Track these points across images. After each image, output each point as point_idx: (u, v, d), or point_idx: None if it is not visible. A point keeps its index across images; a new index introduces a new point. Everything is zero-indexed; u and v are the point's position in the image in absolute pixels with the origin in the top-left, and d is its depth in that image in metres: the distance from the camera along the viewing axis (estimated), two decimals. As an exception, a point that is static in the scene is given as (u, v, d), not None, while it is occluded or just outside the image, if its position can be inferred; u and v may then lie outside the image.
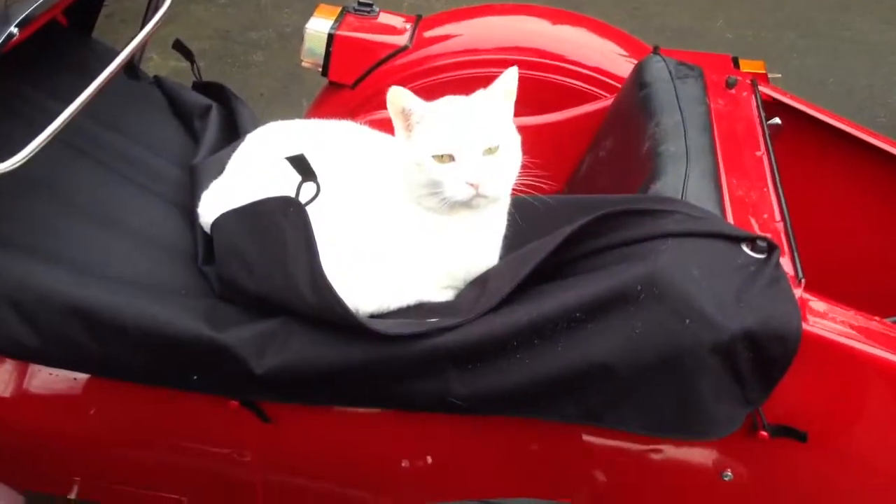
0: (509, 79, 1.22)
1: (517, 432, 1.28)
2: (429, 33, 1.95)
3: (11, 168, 1.20)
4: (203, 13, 4.11)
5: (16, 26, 1.31)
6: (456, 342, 1.17)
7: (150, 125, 1.60)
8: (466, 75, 1.85)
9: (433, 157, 1.17)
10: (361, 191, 1.26)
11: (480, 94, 1.23)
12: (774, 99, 1.63)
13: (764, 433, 1.20)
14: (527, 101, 1.80)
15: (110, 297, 1.22)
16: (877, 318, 1.18)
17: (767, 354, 1.12)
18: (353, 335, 1.18)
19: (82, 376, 1.35)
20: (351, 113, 1.85)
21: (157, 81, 1.77)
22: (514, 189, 1.25)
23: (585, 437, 1.27)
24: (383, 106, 1.65)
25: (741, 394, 1.15)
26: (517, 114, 1.27)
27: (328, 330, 1.19)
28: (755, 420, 1.20)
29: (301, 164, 1.17)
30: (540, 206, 1.26)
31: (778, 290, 1.14)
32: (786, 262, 1.21)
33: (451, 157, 1.17)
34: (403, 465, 1.36)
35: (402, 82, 1.87)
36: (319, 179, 1.18)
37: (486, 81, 1.53)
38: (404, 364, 1.18)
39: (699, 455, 1.27)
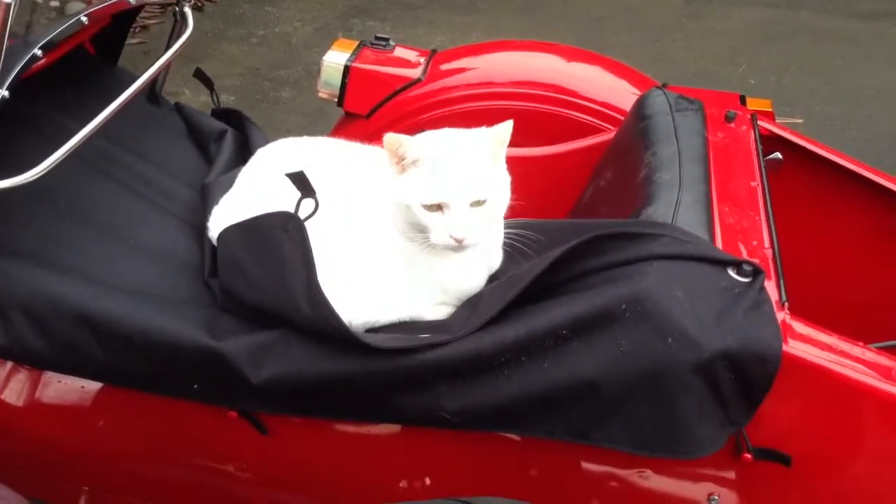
0: (504, 131, 1.24)
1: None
2: (443, 66, 2.01)
3: (27, 181, 1.26)
4: (235, 51, 4.24)
5: (40, 49, 1.38)
6: (445, 358, 1.20)
7: (167, 149, 1.67)
8: (478, 108, 1.90)
9: (423, 205, 1.21)
10: (358, 208, 1.31)
11: (475, 141, 1.25)
12: (774, 134, 1.66)
13: (748, 455, 1.21)
14: (536, 134, 1.86)
15: (117, 308, 1.27)
16: (860, 343, 1.20)
17: (748, 375, 1.14)
18: (347, 348, 1.21)
19: (91, 386, 1.40)
20: (365, 142, 1.91)
21: (178, 108, 1.84)
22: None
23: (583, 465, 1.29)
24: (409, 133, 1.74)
25: (724, 415, 1.17)
26: (528, 145, 1.31)
27: (324, 343, 1.22)
28: (739, 442, 1.21)
29: (301, 181, 1.22)
30: (534, 231, 1.29)
31: (760, 313, 1.16)
32: (771, 287, 1.23)
33: (440, 207, 1.21)
34: (401, 484, 1.39)
35: (414, 114, 1.95)
36: (320, 196, 1.23)
37: (496, 113, 1.59)
38: (395, 378, 1.21)
39: (687, 478, 1.28)
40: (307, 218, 1.23)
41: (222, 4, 4.65)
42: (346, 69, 1.99)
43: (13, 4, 1.08)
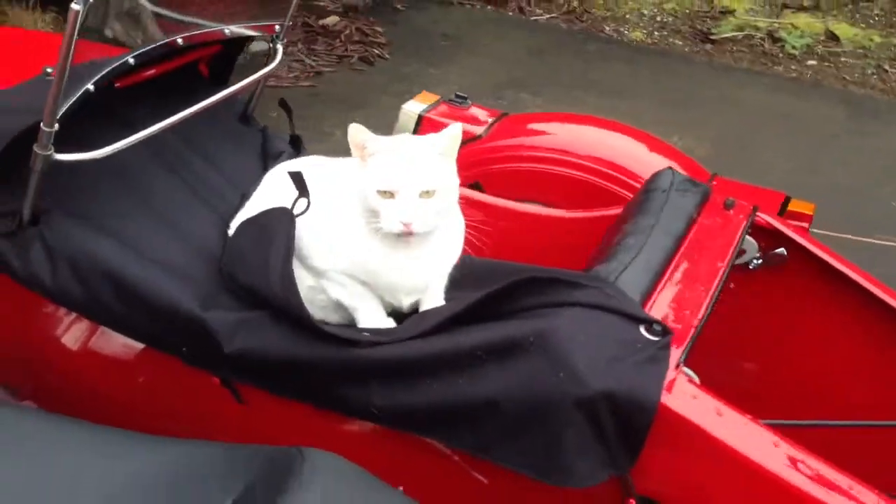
0: (454, 132, 1.41)
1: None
2: (504, 128, 2.20)
3: (92, 158, 1.55)
4: (391, 103, 4.58)
5: (132, 58, 1.69)
6: (381, 357, 1.37)
7: (234, 160, 1.94)
8: (520, 168, 2.08)
9: (377, 191, 1.38)
10: (333, 208, 1.49)
11: (429, 139, 1.42)
12: (778, 230, 1.73)
13: (632, 501, 1.30)
14: (569, 198, 2.01)
15: (138, 273, 1.53)
16: (749, 415, 1.27)
17: (628, 420, 1.24)
18: (304, 335, 1.41)
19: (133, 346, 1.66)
20: None
21: (263, 130, 2.12)
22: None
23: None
24: (463, 182, 1.95)
25: (607, 455, 1.27)
26: (561, 207, 1.47)
27: (287, 327, 1.43)
28: (626, 487, 1.30)
29: (298, 181, 1.46)
30: (489, 269, 1.46)
31: (651, 367, 1.26)
32: (678, 352, 1.33)
33: (392, 195, 1.38)
34: None
35: (471, 166, 2.14)
36: (317, 197, 1.45)
37: (536, 175, 1.78)
38: (338, 368, 1.40)
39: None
40: (300, 214, 1.45)
41: (393, 62, 5.05)
42: (420, 118, 2.22)
43: (82, 10, 1.36)
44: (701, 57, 5.50)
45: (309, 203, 1.45)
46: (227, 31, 1.93)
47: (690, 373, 1.33)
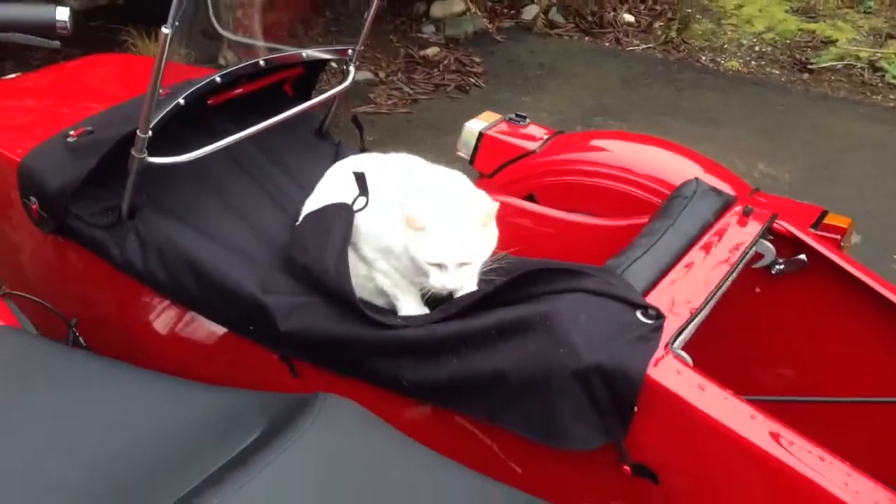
0: (491, 207, 1.61)
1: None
2: (558, 144, 2.37)
3: (177, 161, 1.80)
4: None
5: (220, 77, 1.96)
6: (410, 337, 1.57)
7: (307, 168, 2.17)
8: (573, 181, 2.24)
9: (426, 262, 1.58)
10: (390, 210, 1.70)
11: (468, 211, 1.60)
12: (795, 236, 1.84)
13: (627, 468, 1.44)
14: (611, 209, 2.17)
15: (212, 259, 1.77)
16: (731, 390, 1.40)
17: (618, 391, 1.40)
18: (350, 317, 1.62)
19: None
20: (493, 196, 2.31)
21: (337, 144, 2.36)
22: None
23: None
24: (518, 194, 2.21)
25: (601, 423, 1.42)
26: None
27: (334, 309, 1.64)
28: (621, 455, 1.45)
29: (360, 180, 1.68)
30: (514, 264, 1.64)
31: (641, 344, 1.41)
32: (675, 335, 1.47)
33: (439, 265, 1.58)
34: None
35: (525, 179, 2.33)
36: (376, 195, 1.66)
37: (583, 188, 1.98)
38: (374, 346, 1.60)
39: (586, 490, 1.53)
40: (358, 210, 1.68)
41: (488, 90, 5.28)
42: (480, 135, 2.41)
43: (169, 34, 1.62)
44: (797, 86, 5.51)
45: (367, 202, 1.67)
46: (304, 54, 2.18)
47: (683, 354, 1.46)
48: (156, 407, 1.24)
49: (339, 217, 1.69)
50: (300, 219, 1.87)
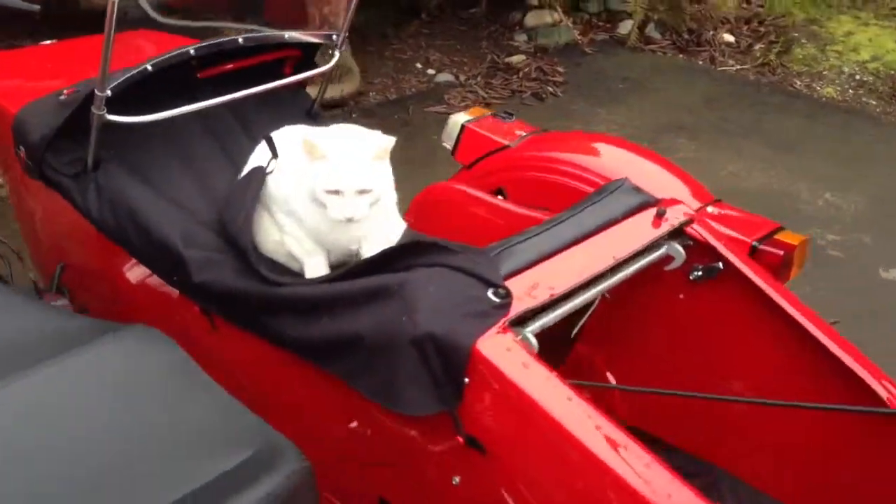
0: (385, 144, 1.69)
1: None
2: (534, 142, 2.41)
3: (139, 121, 1.97)
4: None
5: (194, 49, 2.11)
6: (291, 295, 1.68)
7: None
8: (539, 178, 2.28)
9: (324, 190, 1.67)
10: (292, 179, 1.80)
11: (365, 146, 1.69)
12: (708, 243, 1.84)
13: (460, 439, 1.49)
14: (565, 204, 2.20)
15: (151, 212, 1.92)
16: (555, 373, 1.42)
17: (449, 360, 1.45)
18: (245, 272, 1.74)
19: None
20: (468, 186, 2.38)
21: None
22: None
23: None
24: (489, 186, 2.28)
25: (436, 391, 1.48)
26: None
27: (237, 265, 1.76)
28: (457, 427, 1.50)
29: (270, 143, 1.81)
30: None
31: (476, 319, 1.47)
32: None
33: (336, 192, 1.67)
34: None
35: (498, 171, 2.38)
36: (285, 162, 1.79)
37: (541, 183, 2.15)
38: (264, 302, 1.71)
39: (436, 457, 1.58)
40: (269, 172, 1.80)
41: (564, 100, 5.31)
42: (462, 127, 2.48)
43: (116, 2, 1.77)
44: (891, 118, 5.27)
45: (273, 164, 1.79)
46: (286, 35, 2.32)
47: (529, 336, 1.50)
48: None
49: (255, 178, 1.82)
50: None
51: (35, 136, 2.09)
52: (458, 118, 2.52)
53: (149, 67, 2.03)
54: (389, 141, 1.71)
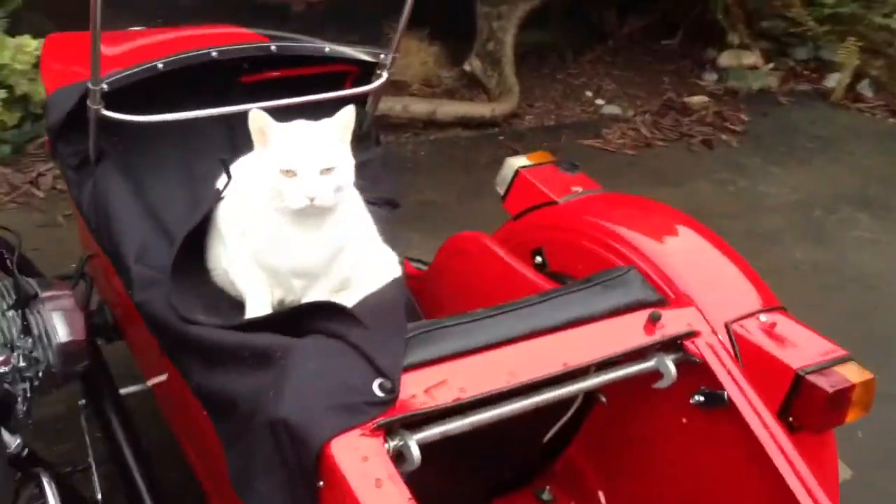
0: (348, 115, 1.47)
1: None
2: (586, 202, 2.09)
3: (137, 121, 1.85)
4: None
5: (217, 52, 1.98)
6: (196, 337, 1.49)
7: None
8: (575, 242, 1.97)
9: (280, 171, 1.46)
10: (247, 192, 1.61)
11: (324, 126, 1.48)
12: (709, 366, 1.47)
13: None
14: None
15: (119, 219, 1.81)
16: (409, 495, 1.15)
17: (301, 456, 1.22)
18: (167, 300, 1.58)
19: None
20: (509, 240, 2.12)
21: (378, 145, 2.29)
22: None
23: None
24: (529, 244, 2.04)
25: (289, 488, 1.24)
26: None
27: (165, 292, 1.60)
28: None
29: (223, 164, 1.65)
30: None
31: (347, 413, 1.23)
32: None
33: (294, 173, 1.45)
34: None
35: (541, 228, 2.10)
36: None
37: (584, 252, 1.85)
38: (177, 337, 1.54)
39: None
40: (224, 191, 1.64)
41: (737, 151, 4.80)
42: (516, 172, 2.20)
43: None
44: None
45: (228, 183, 1.62)
46: (327, 49, 2.14)
47: (412, 447, 1.23)
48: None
49: (206, 199, 1.67)
50: None
51: (51, 121, 2.04)
52: (515, 161, 2.24)
53: (160, 66, 1.92)
54: (349, 111, 1.49)
